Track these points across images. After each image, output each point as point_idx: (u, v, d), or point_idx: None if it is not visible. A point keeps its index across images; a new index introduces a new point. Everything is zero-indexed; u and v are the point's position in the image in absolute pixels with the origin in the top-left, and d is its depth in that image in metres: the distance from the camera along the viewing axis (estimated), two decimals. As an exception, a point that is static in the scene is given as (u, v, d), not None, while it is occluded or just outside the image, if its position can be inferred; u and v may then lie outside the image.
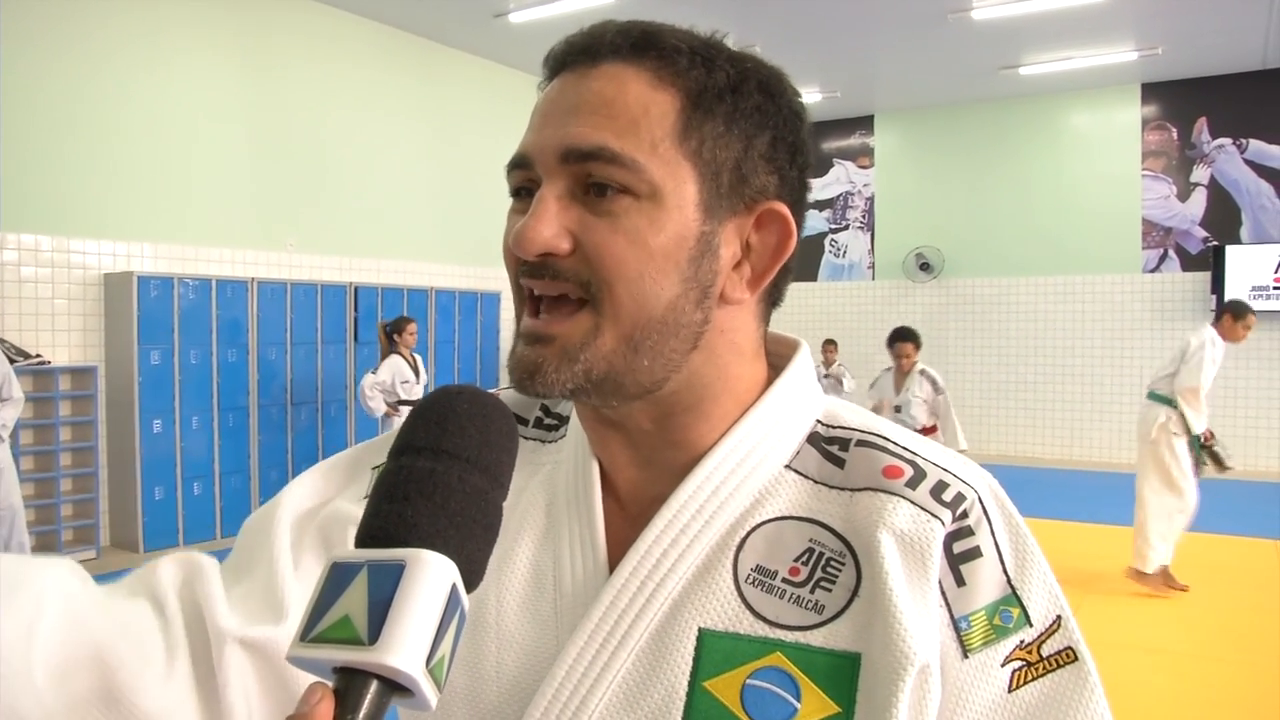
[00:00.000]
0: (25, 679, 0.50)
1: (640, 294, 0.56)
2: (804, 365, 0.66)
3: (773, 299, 0.64)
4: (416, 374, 6.25)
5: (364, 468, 0.69)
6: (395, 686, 0.40)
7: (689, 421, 0.61)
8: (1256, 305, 8.48)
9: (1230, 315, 4.88)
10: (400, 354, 6.19)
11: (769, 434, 0.62)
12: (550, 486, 0.67)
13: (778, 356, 0.66)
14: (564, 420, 0.70)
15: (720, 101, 0.58)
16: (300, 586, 0.61)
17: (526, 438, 0.70)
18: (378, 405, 6.07)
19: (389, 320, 6.48)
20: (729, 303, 0.60)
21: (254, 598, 0.61)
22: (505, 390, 0.74)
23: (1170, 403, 4.84)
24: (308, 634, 0.41)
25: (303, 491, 0.68)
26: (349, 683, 0.40)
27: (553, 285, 0.57)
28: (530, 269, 0.58)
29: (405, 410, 6.03)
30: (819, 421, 0.64)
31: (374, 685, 0.40)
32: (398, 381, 6.12)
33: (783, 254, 0.61)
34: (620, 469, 0.64)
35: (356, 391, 6.37)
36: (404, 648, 0.39)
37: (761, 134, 0.59)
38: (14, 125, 5.40)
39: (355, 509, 0.63)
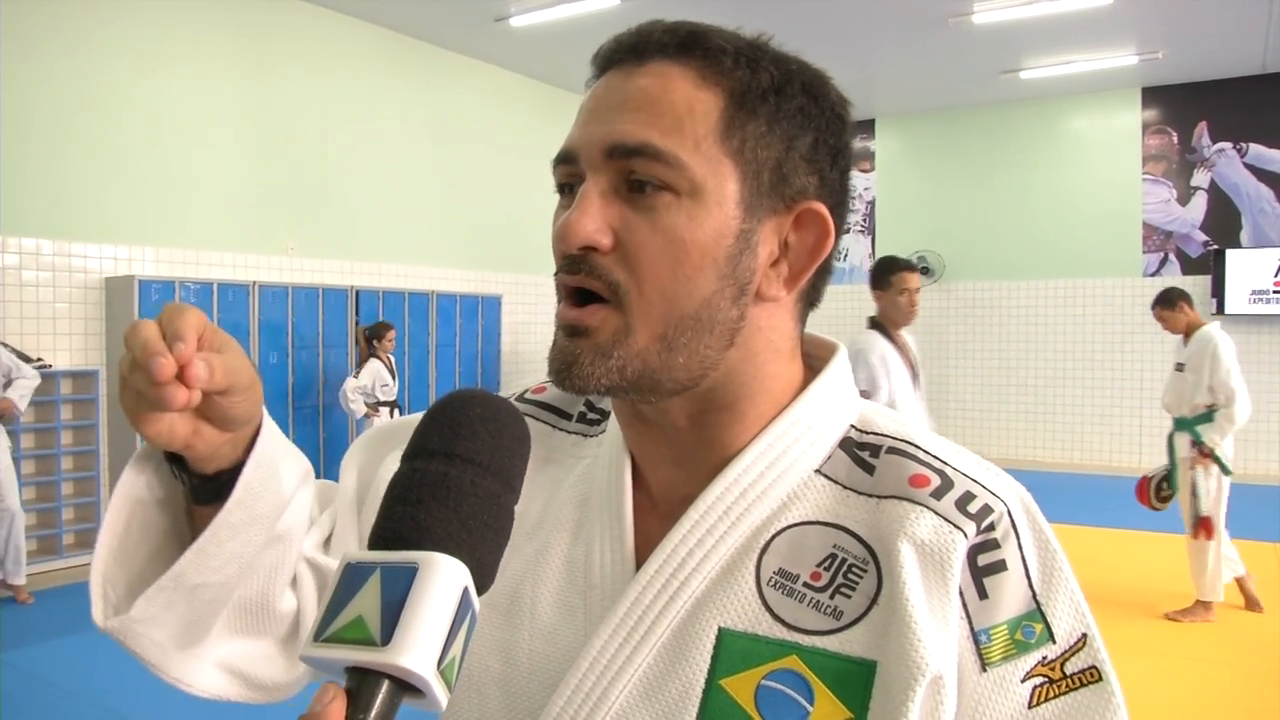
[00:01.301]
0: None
1: (673, 292, 0.57)
2: (841, 368, 0.66)
3: (810, 300, 0.65)
4: (394, 376, 6.59)
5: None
6: (406, 687, 0.41)
7: (724, 420, 0.62)
8: (1256, 310, 8.51)
9: None
10: (379, 358, 6.48)
11: (801, 437, 0.62)
12: (588, 481, 0.67)
13: (816, 359, 0.66)
14: (606, 415, 0.71)
15: (763, 102, 0.59)
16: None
17: (569, 431, 0.72)
18: (359, 408, 6.41)
19: (368, 326, 6.70)
20: (766, 300, 0.60)
21: (323, 525, 0.75)
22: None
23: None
24: (321, 634, 0.41)
25: (363, 451, 0.78)
26: (361, 683, 0.40)
27: (584, 280, 0.58)
28: (569, 263, 0.58)
29: (384, 411, 6.42)
30: (853, 426, 0.64)
31: (386, 685, 0.40)
32: (377, 385, 6.44)
33: (820, 253, 0.61)
34: (653, 466, 0.65)
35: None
36: (416, 649, 0.40)
37: (804, 135, 0.60)
38: (15, 129, 5.40)
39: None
